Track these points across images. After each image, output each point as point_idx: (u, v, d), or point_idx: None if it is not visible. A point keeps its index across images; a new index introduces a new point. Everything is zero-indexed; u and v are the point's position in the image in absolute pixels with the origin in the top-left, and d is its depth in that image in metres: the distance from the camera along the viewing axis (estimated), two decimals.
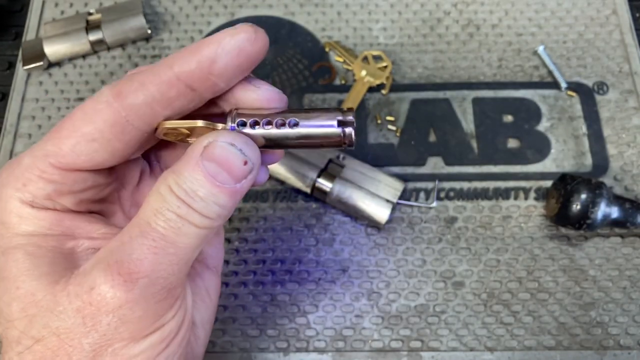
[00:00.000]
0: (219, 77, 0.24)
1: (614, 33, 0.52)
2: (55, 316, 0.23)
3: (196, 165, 0.23)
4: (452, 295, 0.43)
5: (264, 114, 0.25)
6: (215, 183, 0.23)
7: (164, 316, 0.24)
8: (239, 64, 0.24)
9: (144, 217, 0.23)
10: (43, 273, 0.24)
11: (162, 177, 0.24)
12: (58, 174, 0.25)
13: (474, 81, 0.50)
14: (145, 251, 0.23)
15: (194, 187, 0.23)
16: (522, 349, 0.41)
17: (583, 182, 0.41)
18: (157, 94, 0.24)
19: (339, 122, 0.25)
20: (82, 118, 0.24)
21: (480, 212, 0.45)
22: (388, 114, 0.49)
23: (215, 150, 0.23)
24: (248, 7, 0.54)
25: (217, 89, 0.25)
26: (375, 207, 0.43)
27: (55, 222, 0.25)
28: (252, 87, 0.26)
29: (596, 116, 0.49)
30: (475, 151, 0.48)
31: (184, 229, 0.23)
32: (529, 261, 0.44)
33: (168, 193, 0.23)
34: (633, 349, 0.41)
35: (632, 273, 0.43)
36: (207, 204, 0.23)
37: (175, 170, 0.24)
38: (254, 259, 0.44)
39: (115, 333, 0.23)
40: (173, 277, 0.24)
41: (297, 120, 0.25)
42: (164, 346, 0.25)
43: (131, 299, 0.23)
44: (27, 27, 0.53)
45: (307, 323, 0.42)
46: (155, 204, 0.23)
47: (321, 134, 0.25)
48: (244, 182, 0.24)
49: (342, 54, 0.51)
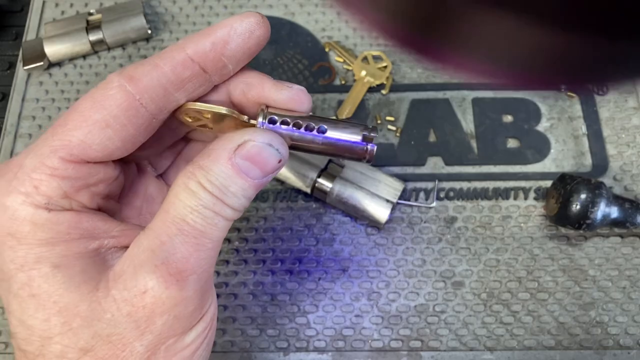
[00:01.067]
0: (230, 58, 0.25)
1: None
2: (105, 324, 0.23)
3: (228, 161, 0.24)
4: (452, 295, 0.43)
5: (293, 115, 0.26)
6: (247, 179, 0.24)
7: (205, 305, 0.25)
8: (249, 47, 0.25)
9: (178, 214, 0.23)
10: (79, 283, 0.23)
11: (187, 173, 0.24)
12: (72, 169, 0.24)
13: (474, 81, 0.50)
14: (189, 249, 0.23)
15: (226, 183, 0.24)
16: (521, 348, 0.41)
17: (583, 182, 0.41)
18: (171, 75, 0.24)
19: (364, 137, 0.26)
20: (92, 106, 0.24)
21: (480, 212, 0.45)
22: (388, 114, 0.49)
23: (253, 149, 0.24)
24: (248, 8, 0.54)
25: (226, 71, 0.25)
26: (375, 207, 0.43)
27: (73, 225, 0.24)
28: (284, 87, 0.26)
29: (596, 116, 0.49)
30: (475, 151, 0.48)
31: (219, 224, 0.24)
32: (528, 261, 0.44)
33: (201, 190, 0.24)
34: (633, 348, 0.41)
35: (631, 273, 0.43)
36: (238, 198, 0.24)
37: (203, 166, 0.24)
38: (254, 259, 0.44)
39: (169, 330, 0.23)
40: (212, 268, 0.25)
41: (326, 128, 0.26)
42: (207, 331, 0.26)
43: (185, 297, 0.23)
44: (27, 27, 0.53)
45: (307, 323, 0.42)
46: (188, 202, 0.23)
47: (346, 145, 0.26)
48: (270, 176, 0.25)
49: (342, 54, 0.51)
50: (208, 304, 0.26)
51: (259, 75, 0.27)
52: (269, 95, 0.26)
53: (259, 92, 0.26)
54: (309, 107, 0.27)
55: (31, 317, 0.23)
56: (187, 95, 0.25)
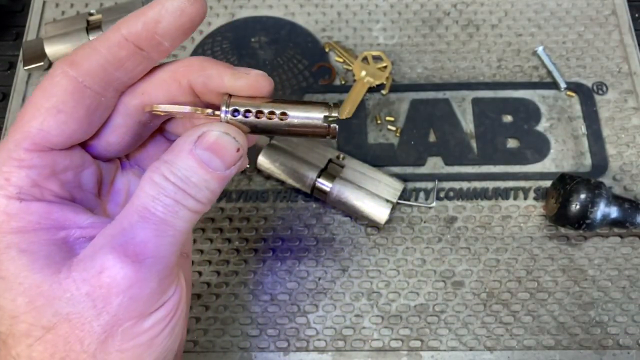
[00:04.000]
0: (163, 36, 0.25)
1: (613, 33, 0.52)
2: (64, 303, 0.23)
3: (189, 153, 0.25)
4: (452, 295, 0.43)
5: (254, 102, 0.27)
6: (208, 169, 0.25)
7: (167, 292, 0.26)
8: (182, 24, 0.25)
9: (141, 204, 0.24)
10: (43, 265, 0.24)
11: (153, 168, 0.25)
12: (36, 157, 0.25)
13: (474, 81, 0.50)
14: (148, 234, 0.24)
15: (187, 174, 0.25)
16: (521, 348, 0.41)
17: (582, 182, 0.42)
18: (109, 56, 0.25)
19: (324, 117, 0.27)
20: (42, 95, 0.25)
21: (479, 212, 0.46)
22: (388, 114, 0.49)
23: (211, 139, 0.25)
24: (248, 8, 0.54)
25: (162, 48, 0.26)
26: (375, 207, 0.43)
27: (44, 215, 0.25)
28: (242, 75, 0.27)
29: (595, 116, 0.49)
30: (475, 151, 0.48)
31: (180, 213, 0.25)
32: (528, 261, 0.44)
33: (163, 180, 0.25)
34: (632, 348, 0.41)
35: (631, 273, 0.43)
36: (200, 189, 0.25)
37: (167, 161, 0.25)
38: (254, 259, 0.44)
39: (125, 312, 0.24)
40: (172, 256, 0.25)
41: (286, 112, 0.27)
42: (168, 321, 0.26)
43: (141, 278, 0.24)
44: (27, 27, 0.53)
45: (307, 322, 0.42)
46: (151, 191, 0.25)
47: (307, 126, 0.28)
48: (233, 169, 0.26)
49: (342, 55, 0.51)
50: (170, 292, 0.26)
51: (218, 66, 0.27)
52: (229, 85, 0.27)
53: (218, 83, 0.27)
54: (270, 90, 0.28)
55: (1, 297, 0.24)
56: (127, 73, 0.26)
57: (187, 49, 0.52)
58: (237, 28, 0.53)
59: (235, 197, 0.46)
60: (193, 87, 0.27)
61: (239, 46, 0.52)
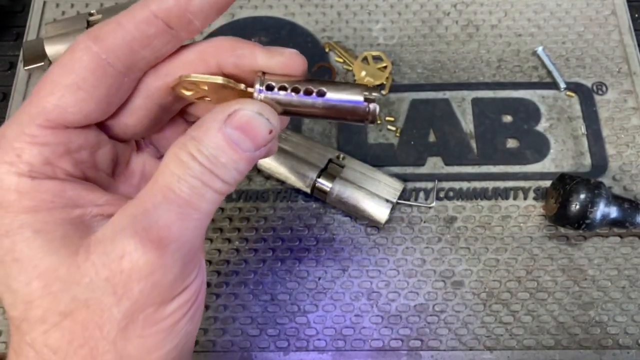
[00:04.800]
0: (195, 14, 0.24)
1: (613, 33, 0.52)
2: (83, 288, 0.22)
3: (218, 131, 0.24)
4: (452, 295, 0.43)
5: (290, 80, 0.26)
6: (238, 150, 0.24)
7: (190, 277, 0.25)
8: (215, 2, 0.24)
9: (165, 183, 0.23)
10: (59, 246, 0.23)
11: (179, 144, 0.24)
12: (51, 134, 0.24)
13: (474, 81, 0.50)
14: (172, 217, 0.23)
15: (216, 154, 0.23)
16: (521, 348, 0.41)
17: (582, 182, 0.42)
18: (135, 33, 0.24)
19: (365, 97, 0.25)
20: (61, 71, 0.24)
21: (479, 212, 0.46)
22: (388, 114, 0.49)
23: (243, 119, 0.24)
24: (248, 8, 0.54)
25: (193, 27, 0.25)
26: (375, 207, 0.43)
27: (58, 193, 0.24)
28: (276, 53, 0.26)
29: (595, 116, 0.49)
30: (475, 151, 0.48)
31: (206, 195, 0.24)
32: (528, 261, 0.44)
33: (190, 159, 0.23)
34: (632, 348, 0.41)
35: (631, 273, 0.43)
36: (228, 170, 0.24)
37: (195, 137, 0.24)
38: (254, 259, 0.44)
39: (147, 298, 0.23)
40: (197, 240, 0.24)
41: (325, 90, 0.25)
42: (190, 306, 0.25)
43: (163, 264, 0.23)
44: (28, 27, 0.53)
45: (307, 322, 0.42)
46: (177, 170, 0.23)
47: (347, 107, 0.26)
48: (262, 150, 0.25)
49: (342, 55, 0.51)
50: (192, 277, 0.25)
51: (249, 45, 0.26)
52: (262, 63, 0.26)
53: (251, 62, 0.26)
54: (304, 69, 0.26)
55: (15, 280, 0.23)
56: (154, 52, 0.25)
57: None
58: (237, 28, 0.53)
59: (235, 197, 0.46)
60: (222, 68, 0.26)
61: None
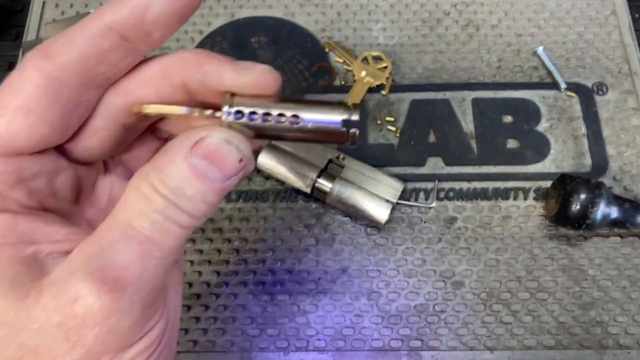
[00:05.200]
0: (153, 25, 0.22)
1: (613, 34, 0.52)
2: (33, 334, 0.20)
3: (183, 161, 0.21)
4: (452, 295, 0.43)
5: (261, 102, 0.23)
6: (205, 181, 0.22)
7: (151, 320, 0.23)
8: (174, 10, 0.22)
9: (125, 218, 0.21)
10: (8, 289, 0.21)
11: (141, 174, 0.22)
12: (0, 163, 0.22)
13: (474, 82, 0.50)
14: (131, 256, 0.21)
15: (181, 185, 0.21)
16: (521, 348, 0.41)
17: (582, 182, 0.42)
18: (88, 48, 0.22)
19: (343, 121, 0.23)
20: (9, 93, 0.22)
21: (479, 212, 0.46)
22: (388, 114, 0.49)
23: (209, 147, 0.22)
24: (248, 8, 0.54)
25: (152, 39, 0.22)
26: (375, 207, 0.43)
27: (9, 228, 0.22)
28: (246, 70, 0.23)
29: (595, 117, 0.49)
30: (475, 151, 0.48)
31: (170, 230, 0.21)
32: (528, 261, 0.44)
33: (152, 192, 0.21)
34: (632, 348, 0.41)
35: (631, 273, 0.43)
36: (195, 203, 0.22)
37: (158, 167, 0.22)
38: (254, 259, 0.44)
39: (102, 346, 0.21)
40: (159, 279, 0.22)
41: (298, 114, 0.23)
42: (151, 351, 0.23)
43: (120, 308, 0.21)
44: (27, 27, 0.53)
45: (307, 322, 0.42)
46: (138, 204, 0.21)
47: (324, 130, 0.23)
48: (234, 179, 0.23)
49: (342, 55, 0.51)
50: (155, 320, 0.23)
51: (217, 61, 0.23)
52: (230, 82, 0.23)
53: (218, 81, 0.23)
54: (277, 87, 0.24)
55: None
56: (111, 68, 0.23)
57: (187, 49, 0.52)
58: (236, 28, 0.53)
59: (235, 197, 0.46)
60: (187, 86, 0.23)
61: (238, 46, 0.52)
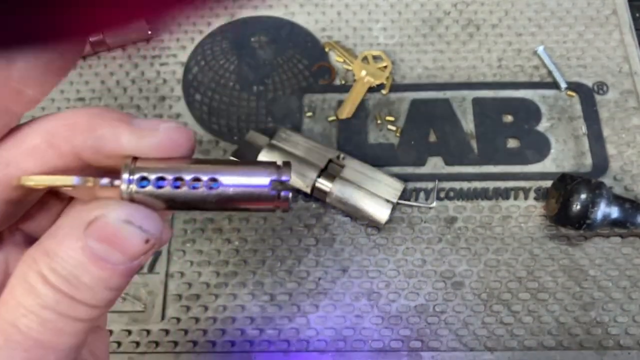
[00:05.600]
0: (22, 81, 0.18)
1: (614, 33, 0.52)
2: None
3: (77, 244, 0.18)
4: (452, 295, 0.43)
5: (172, 165, 0.20)
6: (106, 265, 0.18)
7: None
8: (47, 62, 0.19)
9: (9, 318, 0.18)
10: None
11: (27, 259, 0.18)
12: None
13: (474, 81, 0.50)
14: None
15: (76, 273, 0.18)
16: (522, 349, 0.41)
17: (583, 182, 0.41)
18: None
19: (272, 182, 0.20)
20: None
21: (480, 212, 0.45)
22: (388, 114, 0.49)
23: (106, 229, 0.18)
24: (248, 8, 0.54)
25: (26, 98, 0.19)
26: (375, 207, 0.43)
27: None
28: (147, 131, 0.19)
29: (596, 116, 0.49)
30: (475, 151, 0.48)
31: (66, 328, 0.18)
32: (528, 261, 0.44)
33: (41, 284, 0.17)
34: (633, 349, 0.41)
35: (632, 273, 0.43)
36: (96, 292, 0.18)
37: (47, 251, 0.18)
38: (254, 259, 0.44)
39: None
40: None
41: (217, 177, 0.19)
42: None
43: None
44: None
45: (307, 323, 0.42)
46: (23, 300, 0.17)
47: (249, 196, 0.20)
48: (142, 258, 0.19)
49: (342, 54, 0.51)
50: None
51: (112, 123, 0.19)
52: (130, 147, 0.19)
53: (115, 146, 0.19)
54: (191, 147, 0.20)
55: None
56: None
57: (186, 48, 0.52)
58: (236, 28, 0.53)
59: None
60: (79, 154, 0.19)
61: (238, 46, 0.52)
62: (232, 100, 0.50)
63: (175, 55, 0.52)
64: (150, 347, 0.41)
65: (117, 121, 0.19)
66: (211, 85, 0.51)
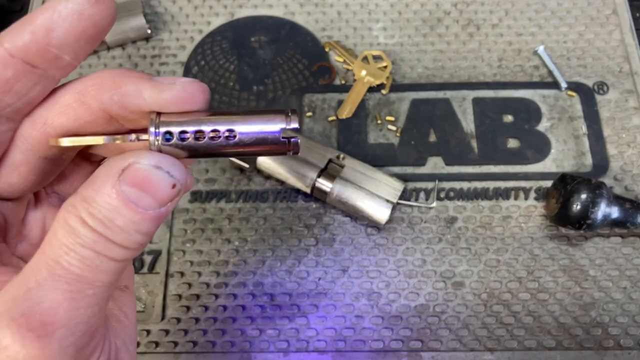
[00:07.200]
0: (61, 48, 0.20)
1: (614, 33, 0.52)
2: None
3: (112, 190, 0.20)
4: (452, 296, 0.43)
5: (192, 119, 0.22)
6: (138, 210, 0.20)
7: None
8: (82, 31, 0.21)
9: (52, 255, 0.20)
10: None
11: (67, 206, 0.20)
12: None
13: (474, 81, 0.50)
14: (59, 297, 0.19)
15: (111, 216, 0.20)
16: (522, 349, 0.41)
17: (583, 182, 0.41)
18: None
19: (282, 129, 0.22)
20: None
21: (480, 212, 0.45)
22: (388, 114, 0.49)
23: (138, 174, 0.20)
24: (248, 7, 0.54)
25: (63, 63, 0.21)
26: (375, 207, 0.43)
27: None
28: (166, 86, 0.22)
29: (596, 116, 0.49)
30: (475, 151, 0.48)
31: (102, 266, 0.20)
32: (529, 261, 0.44)
33: (80, 226, 0.19)
34: (633, 349, 0.41)
35: (632, 273, 0.43)
36: (129, 234, 0.20)
37: (85, 198, 0.20)
38: (254, 259, 0.44)
39: None
40: (94, 318, 0.20)
41: (233, 128, 0.22)
42: None
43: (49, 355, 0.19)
44: None
45: (307, 323, 0.42)
46: (65, 239, 0.19)
47: (262, 143, 0.22)
48: (170, 205, 0.21)
49: (342, 54, 0.51)
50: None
51: (135, 79, 0.22)
52: (151, 101, 0.21)
53: (138, 101, 0.21)
54: (206, 99, 0.22)
55: None
56: (20, 97, 0.21)
57: (186, 48, 0.52)
58: (236, 27, 0.53)
59: (235, 197, 0.46)
60: (107, 109, 0.22)
61: (238, 46, 0.52)
62: (232, 100, 0.50)
63: (175, 55, 0.52)
64: (150, 347, 0.41)
65: (139, 78, 0.22)
66: (211, 85, 0.50)
